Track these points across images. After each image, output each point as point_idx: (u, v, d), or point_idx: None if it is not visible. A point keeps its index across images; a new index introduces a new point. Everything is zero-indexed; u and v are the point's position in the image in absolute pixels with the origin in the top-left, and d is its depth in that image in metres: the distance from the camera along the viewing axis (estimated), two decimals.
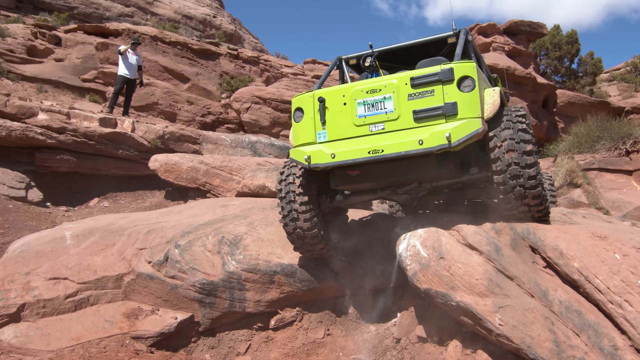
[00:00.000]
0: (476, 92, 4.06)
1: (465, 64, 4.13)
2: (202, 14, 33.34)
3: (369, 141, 4.26)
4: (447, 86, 4.09)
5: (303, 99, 4.61)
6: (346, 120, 4.40)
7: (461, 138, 3.93)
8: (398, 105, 4.21)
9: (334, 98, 4.46)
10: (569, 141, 12.43)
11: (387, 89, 4.27)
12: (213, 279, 4.99)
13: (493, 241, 4.16)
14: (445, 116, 4.07)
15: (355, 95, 4.36)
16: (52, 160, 9.89)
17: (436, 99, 4.11)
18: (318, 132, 4.49)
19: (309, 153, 4.40)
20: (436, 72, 4.12)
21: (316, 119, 4.50)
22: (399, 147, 4.11)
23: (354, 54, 5.39)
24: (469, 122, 3.97)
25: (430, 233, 4.42)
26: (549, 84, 17.07)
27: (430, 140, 3.99)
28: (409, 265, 4.31)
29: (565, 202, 10.61)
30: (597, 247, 3.90)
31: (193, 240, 5.38)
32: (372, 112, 4.31)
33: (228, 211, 6.48)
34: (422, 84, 4.15)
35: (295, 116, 4.69)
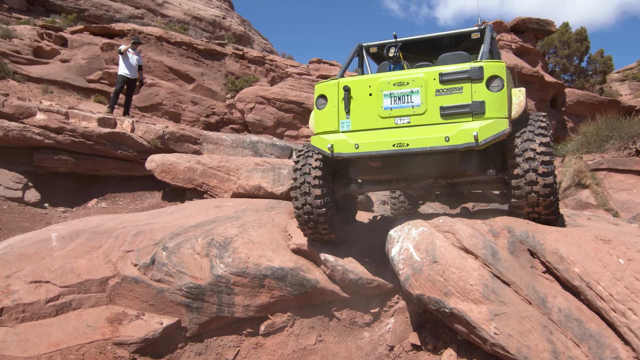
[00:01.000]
0: (504, 92, 4.06)
1: (495, 64, 4.12)
2: (211, 15, 33.34)
3: (394, 134, 4.24)
4: (475, 84, 4.08)
5: (327, 86, 4.55)
6: (371, 111, 4.36)
7: (488, 137, 3.95)
8: (425, 100, 4.19)
9: (359, 88, 4.42)
10: (577, 141, 12.12)
11: (415, 83, 4.23)
12: (200, 283, 4.83)
13: (489, 245, 3.95)
14: (473, 114, 4.06)
15: (382, 86, 4.32)
16: (50, 160, 9.79)
17: (464, 96, 4.09)
18: (341, 120, 4.45)
19: (332, 142, 4.38)
20: (466, 69, 4.09)
21: (340, 108, 4.45)
22: (424, 142, 4.11)
23: (375, 42, 5.35)
24: (496, 122, 3.98)
25: (424, 236, 4.21)
26: (557, 82, 16.72)
27: (456, 137, 4.00)
28: (401, 270, 4.11)
29: (573, 203, 10.32)
30: (599, 252, 3.67)
31: (182, 243, 5.22)
32: (399, 105, 4.27)
33: (221, 212, 6.31)
34: (450, 81, 4.14)
35: (317, 103, 4.61)
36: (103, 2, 29.70)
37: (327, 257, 5.13)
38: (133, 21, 25.11)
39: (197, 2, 34.56)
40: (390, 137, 4.24)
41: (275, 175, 7.16)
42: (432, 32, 56.34)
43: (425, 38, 5.43)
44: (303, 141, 17.76)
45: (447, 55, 4.99)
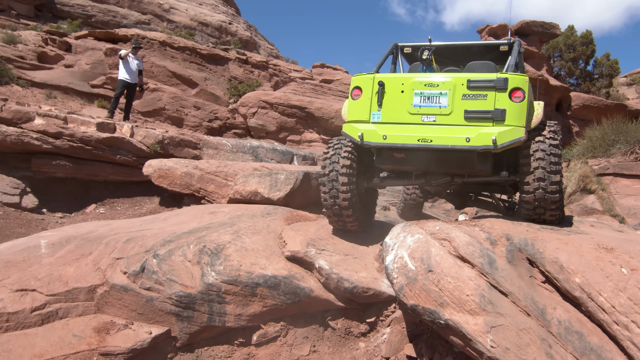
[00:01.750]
0: (524, 104, 4.42)
1: (519, 77, 4.46)
2: (217, 20, 33.44)
3: (420, 130, 4.61)
4: (499, 94, 4.44)
5: (363, 79, 4.92)
6: (401, 106, 4.73)
7: (505, 142, 4.32)
8: (452, 102, 4.55)
9: (393, 84, 4.79)
10: (583, 145, 11.94)
11: (444, 86, 4.59)
12: (191, 291, 4.70)
13: (487, 253, 3.80)
14: (494, 120, 4.43)
15: (414, 85, 4.68)
16: (49, 165, 9.73)
17: (488, 103, 4.46)
18: (373, 112, 4.83)
19: (363, 131, 4.76)
20: (492, 79, 4.45)
21: (373, 100, 4.82)
22: (446, 140, 4.47)
23: (410, 44, 5.78)
24: (514, 130, 4.34)
25: (419, 243, 4.07)
26: (562, 86, 16.50)
27: (476, 139, 4.36)
28: (395, 279, 3.97)
29: (578, 208, 10.14)
30: (601, 261, 3.51)
31: (173, 250, 5.09)
32: (427, 104, 4.64)
33: (216, 219, 6.19)
34: (477, 87, 4.50)
35: (352, 94, 4.99)
36: (110, 8, 29.91)
37: (321, 264, 4.99)
38: (139, 27, 25.18)
39: (204, 7, 34.71)
40: (416, 132, 4.60)
41: (272, 180, 7.04)
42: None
43: (457, 45, 5.84)
44: (306, 146, 17.66)
45: (476, 63, 5.36)
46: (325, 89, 19.09)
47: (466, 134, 4.41)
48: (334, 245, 5.48)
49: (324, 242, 5.47)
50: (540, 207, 4.51)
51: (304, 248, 5.23)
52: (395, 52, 5.82)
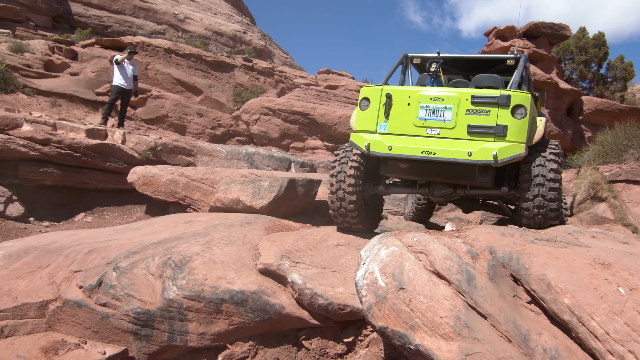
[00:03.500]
0: (526, 121, 4.57)
1: (521, 94, 4.61)
2: (232, 30, 33.47)
3: (424, 142, 4.80)
4: (502, 110, 4.59)
5: (372, 90, 5.09)
6: (407, 119, 4.90)
7: (505, 158, 4.51)
8: (456, 117, 4.71)
9: (400, 97, 4.95)
10: (594, 150, 11.35)
11: (449, 100, 4.74)
12: (150, 308, 4.32)
13: (465, 268, 3.35)
14: (495, 136, 4.59)
15: (420, 99, 4.84)
16: (36, 173, 9.48)
17: (490, 118, 4.62)
18: (380, 123, 5.00)
19: (369, 141, 4.95)
20: (495, 95, 4.59)
21: (380, 112, 4.99)
22: (449, 154, 4.67)
23: (419, 55, 5.86)
24: (514, 146, 4.52)
25: (393, 257, 3.64)
26: (573, 89, 15.89)
27: (478, 154, 4.56)
28: (364, 297, 3.54)
29: (588, 217, 9.57)
30: (595, 278, 3.05)
31: (136, 262, 4.73)
32: (432, 117, 4.80)
33: (191, 228, 5.83)
34: (480, 103, 4.65)
35: (361, 104, 5.15)
36: (126, 18, 30.08)
37: (294, 278, 4.59)
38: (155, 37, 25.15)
39: (219, 17, 34.78)
40: (420, 144, 4.79)
41: (255, 188, 6.66)
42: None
43: (465, 58, 6.02)
44: (309, 153, 17.29)
45: (483, 76, 5.55)
46: (329, 94, 18.73)
47: (468, 148, 4.60)
48: (311, 258, 5.07)
49: (300, 254, 5.06)
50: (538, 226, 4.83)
51: (277, 260, 4.84)
52: (405, 62, 5.90)
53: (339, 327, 4.63)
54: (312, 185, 7.17)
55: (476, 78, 5.60)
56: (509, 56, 5.62)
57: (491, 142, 4.59)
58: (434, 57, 5.75)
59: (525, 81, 5.74)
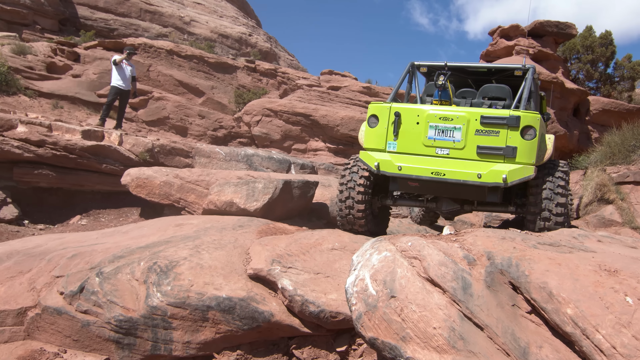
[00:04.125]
0: (535, 141, 4.56)
1: (530, 115, 4.57)
2: (238, 32, 33.38)
3: (434, 163, 4.80)
4: (511, 131, 4.56)
5: (380, 108, 5.06)
6: (416, 138, 4.88)
7: (514, 180, 4.53)
8: (465, 137, 4.69)
9: (408, 115, 4.92)
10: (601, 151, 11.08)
11: (458, 120, 4.70)
12: (132, 315, 4.13)
13: (461, 275, 3.14)
14: (505, 157, 4.59)
15: (429, 118, 4.81)
16: (31, 175, 9.34)
17: (500, 139, 4.60)
18: (389, 141, 4.98)
19: (379, 161, 4.95)
20: (505, 116, 4.56)
21: (389, 130, 4.97)
22: (459, 175, 4.68)
23: (426, 63, 5.81)
24: (524, 168, 4.55)
25: (385, 263, 3.43)
26: (580, 89, 15.58)
27: (488, 176, 4.57)
28: (353, 305, 3.33)
29: (595, 220, 9.31)
30: (601, 287, 2.82)
31: (121, 267, 4.54)
32: (441, 137, 4.78)
33: (182, 231, 5.64)
34: (489, 124, 4.62)
35: (369, 121, 5.13)
36: (132, 21, 30.07)
37: (284, 284, 4.38)
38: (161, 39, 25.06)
39: (224, 20, 34.71)
40: (430, 164, 4.79)
41: (249, 189, 6.47)
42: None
43: (472, 67, 5.97)
44: (311, 155, 17.08)
45: (490, 86, 5.57)
46: (332, 95, 18.52)
47: (478, 169, 4.60)
48: (304, 262, 4.86)
49: (292, 259, 4.86)
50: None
51: (267, 265, 4.64)
52: (412, 71, 5.85)
53: (331, 335, 4.42)
54: (309, 187, 6.96)
55: (484, 88, 5.57)
56: (516, 67, 5.51)
57: (500, 163, 4.59)
58: (440, 66, 5.70)
59: (534, 96, 5.69)
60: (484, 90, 5.56)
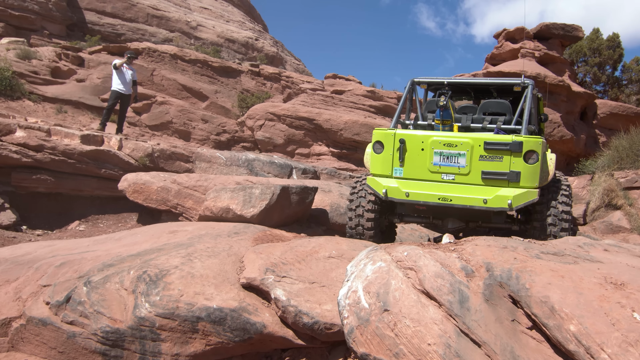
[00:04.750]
0: (538, 165, 4.69)
1: (533, 140, 4.67)
2: (244, 37, 33.44)
3: (440, 188, 4.93)
4: (515, 157, 4.68)
5: (385, 134, 5.16)
6: (422, 164, 5.00)
7: (519, 205, 4.65)
8: (469, 163, 4.80)
9: (413, 142, 5.03)
10: (608, 156, 10.84)
11: (462, 147, 4.82)
12: (119, 327, 3.99)
13: (458, 288, 2.97)
14: (509, 182, 4.71)
15: (434, 145, 4.92)
16: (29, 180, 9.26)
17: (503, 165, 4.72)
18: (395, 167, 5.11)
19: (387, 187, 5.06)
20: (508, 142, 4.67)
21: (395, 157, 5.08)
22: (465, 201, 4.80)
23: (426, 80, 5.89)
24: (528, 192, 4.67)
25: (379, 274, 3.27)
26: (587, 92, 15.33)
27: (493, 201, 4.70)
28: (345, 319, 3.18)
29: (602, 226, 9.08)
30: (606, 301, 2.65)
31: (110, 276, 4.41)
32: (446, 163, 4.89)
33: (175, 239, 5.50)
34: (493, 149, 4.73)
35: (374, 147, 5.24)
36: (139, 26, 30.21)
37: (278, 294, 4.23)
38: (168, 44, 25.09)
39: (231, 24, 34.78)
40: (436, 190, 4.92)
41: (246, 195, 6.33)
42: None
43: (472, 83, 6.06)
44: (315, 159, 16.95)
45: (490, 102, 5.66)
46: (336, 99, 18.40)
47: (483, 194, 4.73)
48: (299, 271, 4.71)
49: (287, 267, 4.70)
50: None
51: (261, 274, 4.48)
52: (412, 88, 5.92)
53: (326, 347, 4.26)
54: (307, 193, 6.81)
55: (484, 104, 5.65)
56: (515, 82, 5.57)
57: (505, 187, 4.72)
58: (440, 82, 5.82)
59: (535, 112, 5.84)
60: (484, 106, 5.63)
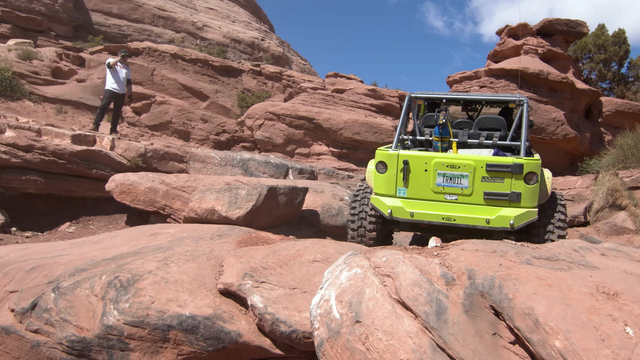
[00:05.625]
0: (537, 186, 4.88)
1: (532, 162, 4.84)
2: (250, 37, 33.31)
3: (443, 208, 5.05)
4: (515, 179, 4.84)
5: (388, 156, 5.22)
6: (425, 184, 5.10)
7: (521, 224, 4.84)
8: (472, 184, 4.95)
9: (416, 163, 5.12)
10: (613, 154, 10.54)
11: (465, 168, 4.95)
12: (86, 335, 3.79)
13: (436, 298, 2.73)
14: (510, 202, 4.88)
15: (437, 166, 5.04)
16: (19, 181, 9.08)
17: (504, 186, 4.88)
18: (399, 187, 5.19)
19: (391, 207, 5.15)
20: (509, 164, 4.83)
21: (398, 177, 5.16)
22: (468, 221, 4.97)
23: (422, 95, 6.00)
24: (528, 212, 4.85)
25: (354, 281, 3.04)
26: (591, 89, 14.97)
27: (496, 221, 4.87)
28: (316, 330, 2.95)
29: (606, 227, 8.79)
30: (597, 314, 2.41)
31: (81, 281, 4.21)
32: (450, 184, 5.01)
33: (155, 241, 5.30)
34: (494, 171, 4.87)
35: (377, 167, 5.31)
36: (145, 27, 30.20)
37: (254, 301, 4.01)
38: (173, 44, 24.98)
39: (237, 25, 34.66)
40: (440, 210, 5.04)
41: (231, 196, 6.11)
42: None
43: (468, 99, 6.29)
44: (315, 159, 16.72)
45: (486, 117, 5.84)
46: (336, 98, 18.15)
47: (486, 214, 4.90)
48: (280, 276, 4.48)
49: (267, 272, 4.48)
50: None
51: (238, 280, 4.27)
52: (411, 103, 5.98)
53: (306, 357, 4.03)
54: (296, 194, 6.59)
55: (480, 119, 5.79)
56: (511, 99, 5.74)
57: (506, 207, 4.89)
58: (437, 97, 6.02)
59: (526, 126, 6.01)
60: (480, 122, 5.77)
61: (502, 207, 4.92)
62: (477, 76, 14.74)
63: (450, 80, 16.06)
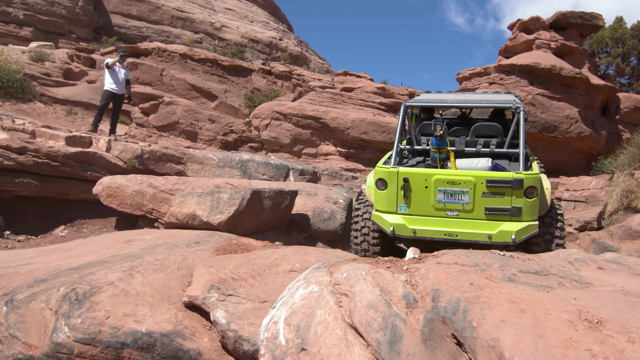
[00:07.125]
0: (537, 200, 4.86)
1: (532, 177, 4.81)
2: (268, 37, 33.16)
3: (445, 224, 5.03)
4: (515, 194, 4.81)
5: (387, 172, 5.14)
6: (426, 201, 5.04)
7: (522, 238, 4.83)
8: (473, 200, 4.91)
9: (417, 180, 5.07)
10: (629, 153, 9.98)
11: (465, 185, 4.91)
12: (34, 353, 3.53)
13: (392, 323, 2.38)
14: (511, 217, 4.86)
15: (437, 183, 4.98)
16: (12, 184, 8.94)
17: (505, 201, 4.85)
18: (399, 204, 5.14)
19: (394, 224, 5.11)
20: (509, 179, 4.80)
21: (399, 194, 5.11)
22: (471, 236, 4.97)
23: (417, 104, 5.92)
24: (529, 226, 4.84)
25: (306, 301, 2.71)
26: (607, 85, 14.29)
27: (498, 236, 4.87)
28: (261, 357, 2.62)
29: (620, 231, 8.27)
30: (573, 348, 2.03)
31: (37, 294, 3.96)
32: (451, 200, 4.96)
33: (128, 248, 5.04)
34: (495, 186, 4.84)
35: (377, 184, 5.25)
36: (164, 28, 30.30)
37: (217, 316, 3.71)
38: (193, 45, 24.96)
39: (255, 25, 34.53)
40: (441, 226, 5.03)
41: (213, 200, 5.83)
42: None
43: (463, 106, 6.31)
44: (322, 159, 16.39)
45: (482, 125, 5.82)
46: (345, 97, 17.79)
47: (488, 229, 4.89)
48: (250, 288, 4.18)
49: (237, 284, 4.18)
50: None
51: (204, 292, 3.98)
52: (406, 112, 5.92)
53: None
54: (283, 197, 6.27)
55: (476, 127, 5.77)
56: (506, 105, 5.64)
57: (507, 221, 4.86)
58: (430, 105, 6.05)
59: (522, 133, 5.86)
60: (476, 129, 5.77)
61: (504, 222, 4.90)
62: (486, 72, 14.21)
63: (459, 77, 15.55)
